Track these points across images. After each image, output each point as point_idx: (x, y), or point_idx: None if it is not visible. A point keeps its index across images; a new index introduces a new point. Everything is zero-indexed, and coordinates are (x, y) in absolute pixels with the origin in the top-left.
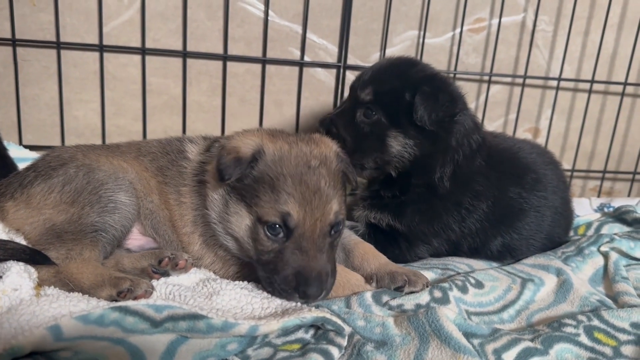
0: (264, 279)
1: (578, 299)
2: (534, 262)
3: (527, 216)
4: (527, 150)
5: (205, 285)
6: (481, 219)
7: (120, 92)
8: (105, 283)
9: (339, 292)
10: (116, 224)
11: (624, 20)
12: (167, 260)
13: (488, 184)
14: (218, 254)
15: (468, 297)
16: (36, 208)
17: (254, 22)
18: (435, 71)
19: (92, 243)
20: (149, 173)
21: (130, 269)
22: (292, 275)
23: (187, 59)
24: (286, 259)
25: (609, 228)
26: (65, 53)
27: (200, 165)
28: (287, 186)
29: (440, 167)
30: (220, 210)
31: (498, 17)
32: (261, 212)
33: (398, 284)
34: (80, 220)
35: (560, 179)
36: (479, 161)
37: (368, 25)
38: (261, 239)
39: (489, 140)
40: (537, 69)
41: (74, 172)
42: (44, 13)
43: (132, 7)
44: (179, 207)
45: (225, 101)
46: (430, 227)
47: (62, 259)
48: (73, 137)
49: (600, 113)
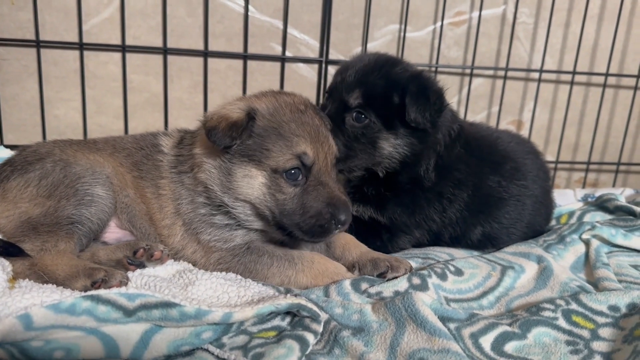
0: (295, 226)
1: (558, 285)
2: (515, 250)
3: (507, 205)
4: (506, 139)
5: (182, 277)
6: (461, 208)
7: (101, 90)
8: (80, 274)
9: (319, 281)
10: (92, 216)
11: (604, 12)
12: (142, 251)
13: (468, 171)
14: (201, 241)
15: (447, 284)
16: (12, 202)
17: (235, 18)
18: (418, 69)
19: (68, 235)
20: (124, 168)
21: (106, 261)
22: (325, 209)
23: (168, 55)
24: (312, 197)
25: (591, 216)
26: (45, 52)
27: (176, 157)
28: (294, 130)
29: (425, 160)
30: (224, 181)
31: (478, 10)
32: (275, 162)
33: (381, 270)
34: (57, 213)
35: (541, 169)
36: (458, 149)
37: (349, 20)
38: (282, 189)
39: (466, 128)
40: (519, 61)
41: (50, 166)
42: (23, 12)
43: (112, 5)
44: (158, 199)
45: (207, 97)
46: (412, 219)
47: (37, 251)
48: (55, 136)
49: (583, 104)
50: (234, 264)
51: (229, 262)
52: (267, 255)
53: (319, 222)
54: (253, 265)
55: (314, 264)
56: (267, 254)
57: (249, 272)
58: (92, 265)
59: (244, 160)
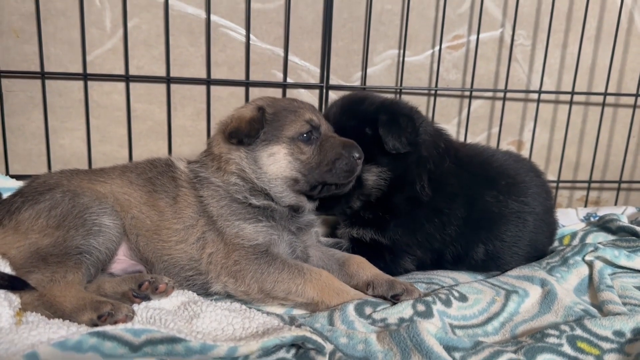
0: (325, 174)
1: (562, 309)
2: (519, 273)
3: (507, 222)
4: (502, 157)
5: (187, 309)
6: (459, 223)
7: (105, 119)
8: (87, 307)
9: (324, 295)
10: (100, 246)
11: (601, 33)
12: (147, 284)
13: (460, 184)
14: (226, 236)
15: (452, 311)
16: (24, 233)
17: (236, 46)
18: (382, 98)
19: (76, 265)
20: (133, 187)
21: (112, 294)
22: (342, 151)
23: (171, 84)
24: (328, 147)
25: (594, 237)
26: (50, 83)
27: (192, 170)
28: (297, 106)
29: (418, 177)
30: (254, 168)
31: (476, 34)
32: (291, 131)
33: (396, 291)
34: (65, 243)
35: (542, 187)
36: (448, 163)
37: (348, 46)
38: (302, 150)
39: (455, 144)
40: (518, 83)
41: (60, 197)
42: (28, 44)
43: (115, 36)
44: (173, 207)
45: (210, 124)
46: (414, 238)
47: (46, 282)
48: (60, 166)
49: (583, 123)
50: (250, 263)
51: (245, 261)
52: (280, 260)
53: (342, 162)
54: (266, 268)
55: (321, 276)
56: (280, 259)
57: (260, 273)
58: (99, 298)
59: (264, 144)
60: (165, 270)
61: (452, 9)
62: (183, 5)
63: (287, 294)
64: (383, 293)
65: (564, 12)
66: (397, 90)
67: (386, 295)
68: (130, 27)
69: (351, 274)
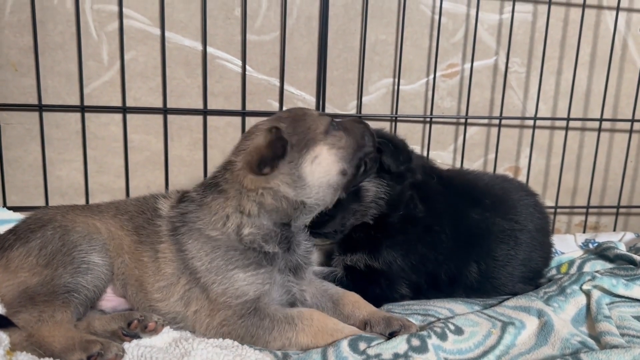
0: (360, 149)
1: (559, 341)
2: (515, 304)
3: (498, 239)
4: (488, 178)
5: (178, 346)
6: (450, 241)
7: (102, 151)
8: (76, 347)
9: (319, 339)
10: (89, 284)
11: (595, 59)
12: (136, 322)
13: (445, 201)
14: (211, 295)
15: (447, 345)
16: (13, 272)
17: (232, 77)
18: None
19: (64, 304)
20: (124, 232)
21: (102, 332)
22: (359, 124)
23: (168, 115)
24: (349, 127)
25: (592, 265)
26: (48, 115)
27: (179, 216)
28: (302, 110)
29: (410, 197)
30: (297, 182)
31: (470, 62)
32: (321, 127)
33: (394, 328)
34: (53, 281)
35: (534, 207)
36: (433, 183)
37: (343, 75)
38: (337, 136)
39: (437, 169)
40: (513, 109)
41: (50, 234)
42: (26, 77)
43: (112, 69)
44: (155, 262)
45: (207, 154)
46: (408, 261)
47: (34, 322)
48: (57, 197)
49: (580, 149)
50: (238, 327)
51: (232, 323)
52: (268, 319)
53: (367, 132)
54: (255, 330)
55: (313, 321)
56: (268, 317)
57: (250, 337)
58: (89, 337)
59: (302, 152)
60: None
61: (445, 38)
62: (180, 38)
63: (282, 347)
64: (381, 331)
65: (558, 39)
66: (393, 118)
67: (384, 333)
68: (127, 59)
69: (347, 315)
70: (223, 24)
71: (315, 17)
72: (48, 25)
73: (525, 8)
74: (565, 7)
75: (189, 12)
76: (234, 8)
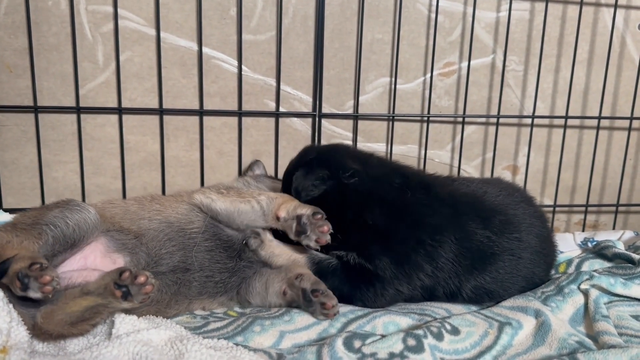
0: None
1: (556, 341)
2: (512, 304)
3: (500, 260)
4: (494, 193)
5: (172, 347)
6: (451, 258)
7: (98, 152)
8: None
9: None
10: (71, 220)
11: (593, 57)
12: (128, 273)
13: (442, 218)
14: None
15: (443, 345)
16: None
17: (228, 77)
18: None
19: (38, 237)
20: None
21: (95, 289)
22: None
23: (164, 115)
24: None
25: (590, 264)
26: (43, 116)
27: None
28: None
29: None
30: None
31: (467, 60)
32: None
33: (319, 287)
34: (41, 216)
35: (535, 216)
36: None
37: (340, 74)
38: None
39: (423, 176)
40: (511, 108)
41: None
42: (22, 79)
43: (108, 70)
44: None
45: (204, 154)
46: (402, 269)
47: (4, 243)
48: (53, 198)
49: (578, 147)
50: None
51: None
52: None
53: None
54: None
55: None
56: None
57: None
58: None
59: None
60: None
61: (442, 37)
62: (175, 39)
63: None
64: (305, 286)
65: (555, 37)
66: (390, 118)
67: (307, 289)
68: (123, 60)
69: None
70: (218, 24)
71: (311, 16)
72: (43, 27)
73: (523, 6)
74: (562, 5)
75: (184, 13)
76: (229, 8)
